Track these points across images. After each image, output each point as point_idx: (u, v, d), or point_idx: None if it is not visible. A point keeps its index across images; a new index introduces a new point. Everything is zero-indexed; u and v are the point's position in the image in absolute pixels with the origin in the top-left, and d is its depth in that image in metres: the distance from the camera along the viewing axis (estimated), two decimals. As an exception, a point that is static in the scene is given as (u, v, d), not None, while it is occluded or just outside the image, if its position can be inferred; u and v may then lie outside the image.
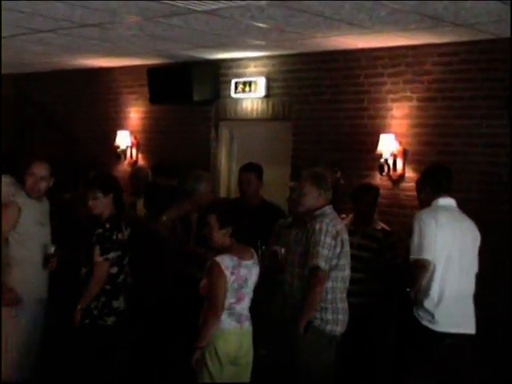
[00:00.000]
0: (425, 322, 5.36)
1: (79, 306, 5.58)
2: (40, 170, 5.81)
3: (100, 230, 5.59)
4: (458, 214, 5.59)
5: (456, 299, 5.41)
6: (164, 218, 6.34)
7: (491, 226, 6.67)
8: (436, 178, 5.69)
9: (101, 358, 5.62)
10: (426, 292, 5.38)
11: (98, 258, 5.56)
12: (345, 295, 5.48)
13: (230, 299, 4.94)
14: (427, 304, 5.36)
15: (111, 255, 5.59)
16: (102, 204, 5.68)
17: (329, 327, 5.36)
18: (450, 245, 5.40)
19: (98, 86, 10.58)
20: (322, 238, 5.28)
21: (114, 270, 5.66)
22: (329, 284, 5.34)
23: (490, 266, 6.55)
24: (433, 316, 5.34)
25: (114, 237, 5.61)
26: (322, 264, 5.25)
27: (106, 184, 5.78)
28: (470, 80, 6.96)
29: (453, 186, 5.75)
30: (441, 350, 5.29)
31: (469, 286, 5.52)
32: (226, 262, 4.91)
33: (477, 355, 5.62)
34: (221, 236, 5.02)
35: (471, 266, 5.54)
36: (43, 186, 5.82)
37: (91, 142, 10.56)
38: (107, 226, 5.61)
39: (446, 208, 5.53)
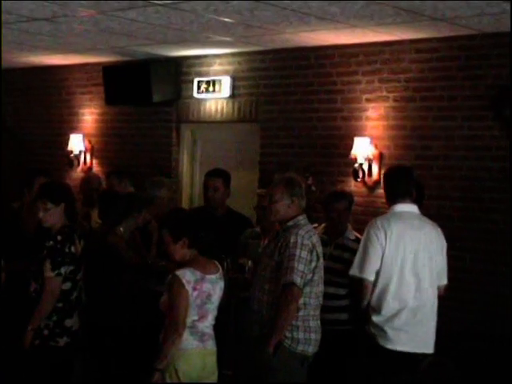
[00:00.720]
0: (378, 340, 5.40)
1: (30, 327, 5.48)
2: None
3: (51, 243, 5.50)
4: (417, 221, 5.54)
5: (413, 315, 5.42)
6: (121, 229, 6.28)
7: (478, 236, 6.71)
8: (392, 181, 5.64)
9: (52, 382, 5.53)
10: (377, 308, 5.42)
11: (49, 273, 5.46)
12: (318, 312, 5.42)
13: (192, 316, 4.86)
14: (377, 319, 5.41)
15: (63, 270, 5.51)
16: (53, 215, 5.60)
17: (300, 347, 5.29)
18: (403, 257, 5.41)
19: (49, 85, 10.53)
20: (298, 252, 5.18)
21: (67, 285, 5.57)
22: (301, 300, 5.25)
23: (477, 278, 6.62)
24: (385, 332, 5.37)
25: (67, 250, 5.53)
26: (298, 280, 5.16)
27: (56, 193, 5.69)
28: (450, 78, 7.00)
29: (433, 193, 5.76)
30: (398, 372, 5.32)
31: (428, 300, 5.50)
32: (187, 276, 4.85)
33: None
34: (178, 249, 4.97)
35: (432, 278, 5.53)
36: None
37: (41, 146, 10.53)
38: (59, 238, 5.52)
39: (401, 215, 5.48)
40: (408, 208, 5.53)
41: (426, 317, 5.49)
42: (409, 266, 5.41)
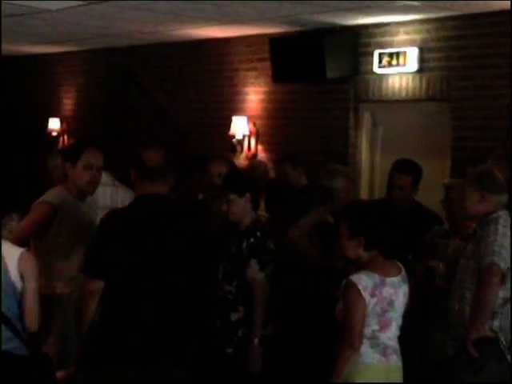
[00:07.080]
0: None
1: (255, 339, 5.74)
2: (97, 159, 6.08)
3: (252, 240, 5.77)
4: None
5: None
6: (300, 223, 6.38)
7: None
8: None
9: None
10: None
11: (258, 275, 5.76)
12: None
13: (372, 326, 4.87)
14: None
15: (268, 270, 5.78)
16: (238, 207, 5.86)
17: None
18: None
19: (207, 61, 10.80)
20: (498, 238, 5.24)
21: None
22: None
23: None
24: None
25: (269, 247, 5.82)
26: (496, 259, 5.17)
27: (239, 183, 5.99)
28: None
29: None
30: None
31: None
32: (363, 281, 4.85)
33: None
34: (352, 247, 4.99)
35: None
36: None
37: (200, 130, 10.81)
38: (258, 234, 5.81)
39: None
40: None
41: None
42: None
